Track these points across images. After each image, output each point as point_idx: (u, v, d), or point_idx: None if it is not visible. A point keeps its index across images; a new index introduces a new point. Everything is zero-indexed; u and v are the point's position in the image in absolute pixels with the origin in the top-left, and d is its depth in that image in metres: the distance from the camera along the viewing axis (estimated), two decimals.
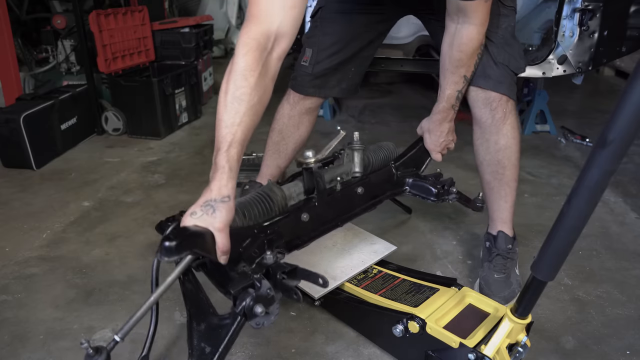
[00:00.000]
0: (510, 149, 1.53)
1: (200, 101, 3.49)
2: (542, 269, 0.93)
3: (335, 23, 1.62)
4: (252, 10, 1.14)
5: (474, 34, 1.38)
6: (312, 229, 1.32)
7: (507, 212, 1.59)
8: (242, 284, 1.03)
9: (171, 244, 0.96)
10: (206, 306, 1.08)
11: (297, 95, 1.73)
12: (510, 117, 1.51)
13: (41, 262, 1.72)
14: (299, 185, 1.36)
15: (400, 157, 1.66)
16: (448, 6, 1.38)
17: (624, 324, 1.44)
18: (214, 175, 1.06)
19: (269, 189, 1.29)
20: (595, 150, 0.75)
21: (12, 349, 1.33)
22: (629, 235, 1.92)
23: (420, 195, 1.61)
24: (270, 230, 1.20)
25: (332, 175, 1.44)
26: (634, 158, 2.67)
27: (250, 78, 1.09)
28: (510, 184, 1.56)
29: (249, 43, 1.10)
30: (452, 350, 1.13)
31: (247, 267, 1.10)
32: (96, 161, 2.63)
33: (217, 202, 1.03)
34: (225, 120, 1.07)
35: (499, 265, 1.54)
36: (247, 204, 1.22)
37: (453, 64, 1.46)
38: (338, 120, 3.39)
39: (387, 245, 1.58)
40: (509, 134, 1.51)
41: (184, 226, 1.02)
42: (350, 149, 1.52)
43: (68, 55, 3.25)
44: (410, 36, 3.03)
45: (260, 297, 1.02)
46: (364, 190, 1.46)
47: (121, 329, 0.98)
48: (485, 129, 1.53)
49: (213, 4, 4.90)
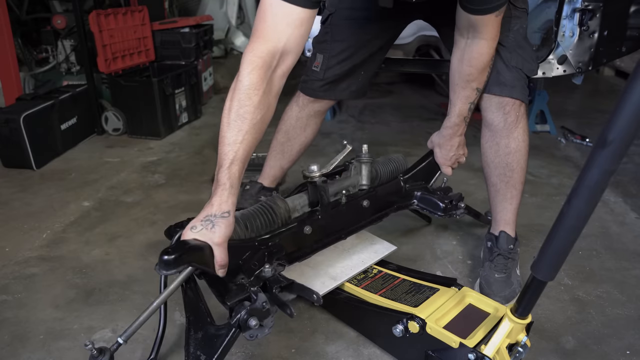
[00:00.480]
0: (520, 152, 1.52)
1: (200, 101, 3.49)
2: (542, 269, 0.93)
3: (346, 29, 1.61)
4: (259, 27, 1.14)
5: (485, 49, 1.37)
6: (315, 242, 1.35)
7: (511, 213, 1.58)
8: (239, 297, 1.07)
9: (169, 258, 0.99)
10: (205, 315, 1.11)
11: (306, 98, 1.73)
12: (522, 121, 1.50)
13: (41, 262, 1.72)
14: (304, 197, 1.38)
15: (410, 170, 1.67)
16: (458, 21, 1.38)
17: (624, 324, 1.44)
18: (215, 190, 1.08)
19: (272, 201, 1.30)
20: (595, 150, 0.75)
21: (12, 349, 1.33)
22: (629, 235, 1.92)
23: (428, 210, 1.63)
24: (271, 242, 1.22)
25: (339, 187, 1.46)
26: (634, 158, 2.67)
27: (254, 97, 1.10)
28: (517, 186, 1.55)
29: (254, 61, 1.12)
30: (452, 350, 1.13)
31: (245, 279, 1.13)
32: (96, 161, 2.64)
33: (217, 218, 1.06)
34: (228, 137, 1.09)
35: (500, 265, 1.54)
36: (250, 216, 1.24)
37: (463, 78, 1.45)
38: (338, 120, 3.39)
39: (387, 245, 1.58)
40: (520, 137, 1.50)
41: (183, 240, 1.05)
42: (359, 162, 1.53)
43: (68, 55, 3.25)
44: (410, 36, 3.03)
45: (255, 310, 1.05)
46: (369, 203, 1.48)
47: (125, 332, 1.01)
48: (497, 132, 1.51)
49: (213, 4, 4.89)
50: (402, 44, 3.07)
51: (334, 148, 2.81)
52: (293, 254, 1.29)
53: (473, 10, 1.28)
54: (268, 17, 1.14)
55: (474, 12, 1.29)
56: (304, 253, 1.32)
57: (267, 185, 1.94)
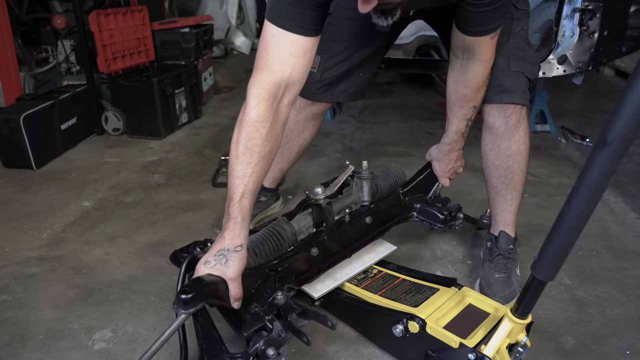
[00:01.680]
0: (521, 155, 1.51)
1: (200, 101, 3.49)
2: (542, 269, 0.93)
3: (345, 29, 1.59)
4: (262, 59, 1.15)
5: (480, 70, 1.37)
6: (322, 262, 1.37)
7: (511, 214, 1.58)
8: (255, 326, 1.08)
9: (187, 297, 1.00)
10: (218, 343, 1.11)
11: (303, 100, 1.72)
12: (524, 123, 1.49)
13: (41, 262, 1.72)
14: (309, 219, 1.40)
15: (408, 182, 1.69)
16: (453, 42, 1.37)
17: (624, 324, 1.44)
18: (227, 224, 1.09)
19: (279, 225, 1.32)
20: (595, 150, 0.75)
21: (12, 349, 1.33)
22: (629, 235, 1.92)
23: (427, 222, 1.64)
24: (281, 267, 1.23)
25: (342, 205, 1.48)
26: (634, 158, 2.67)
27: (261, 129, 1.11)
28: (517, 187, 1.55)
29: (260, 93, 1.12)
30: (452, 350, 1.13)
31: (259, 307, 1.14)
32: (96, 161, 2.64)
33: (230, 252, 1.07)
34: (237, 170, 1.10)
35: (500, 265, 1.54)
36: (258, 242, 1.26)
37: (460, 98, 1.46)
38: (338, 120, 3.39)
39: (387, 246, 1.58)
40: (521, 139, 1.50)
41: (198, 277, 1.06)
42: (359, 178, 1.53)
43: (68, 55, 3.25)
44: (410, 36, 3.03)
45: (272, 340, 1.07)
46: (372, 219, 1.50)
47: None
48: (498, 135, 1.51)
49: (213, 4, 4.89)
50: (402, 44, 3.07)
51: (334, 148, 2.81)
52: (301, 275, 1.31)
53: (468, 31, 1.28)
54: (271, 48, 1.14)
55: (469, 34, 1.29)
56: (312, 274, 1.34)
57: (267, 186, 1.94)
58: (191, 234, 1.90)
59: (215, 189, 2.29)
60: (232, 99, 3.97)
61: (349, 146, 2.86)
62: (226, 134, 3.10)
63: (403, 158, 2.69)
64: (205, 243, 1.31)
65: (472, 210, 2.06)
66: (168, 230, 1.93)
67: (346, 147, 2.84)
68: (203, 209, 2.11)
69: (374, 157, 2.69)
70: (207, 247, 1.29)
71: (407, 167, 2.59)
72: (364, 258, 1.51)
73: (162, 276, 1.63)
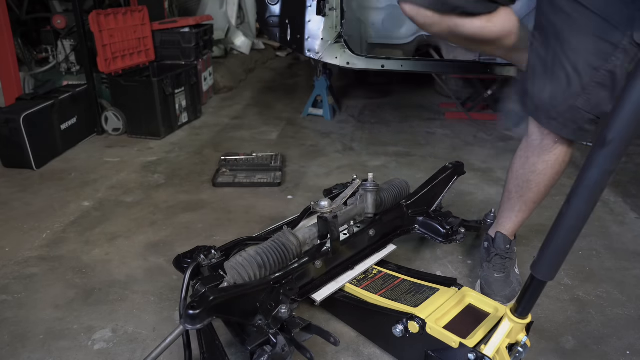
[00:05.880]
0: (545, 177, 1.45)
1: (200, 101, 3.49)
2: (542, 269, 0.93)
3: None
4: None
5: None
6: (325, 274, 1.38)
7: (514, 225, 1.56)
8: (259, 340, 1.09)
9: (195, 313, 1.01)
10: (222, 354, 1.12)
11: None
12: (561, 150, 1.40)
13: (41, 262, 1.72)
14: (313, 230, 1.40)
15: (412, 195, 1.70)
16: None
17: (624, 324, 1.44)
18: None
19: (284, 237, 1.33)
20: (595, 150, 0.75)
21: (12, 349, 1.33)
22: (629, 235, 1.92)
23: (429, 235, 1.65)
24: (285, 280, 1.24)
25: (347, 217, 1.49)
26: (634, 158, 2.67)
27: None
28: (528, 204, 1.51)
29: None
30: (452, 350, 1.13)
31: (263, 320, 1.14)
32: (96, 161, 2.64)
33: None
34: None
35: (498, 264, 1.54)
36: (263, 254, 1.26)
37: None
38: (338, 120, 3.39)
39: (387, 246, 1.58)
40: (551, 162, 1.42)
41: (204, 291, 1.08)
42: (365, 190, 1.54)
43: (68, 55, 3.25)
44: (410, 36, 3.03)
45: (276, 356, 1.07)
46: (375, 232, 1.52)
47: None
48: (530, 147, 1.45)
49: (213, 4, 4.89)
50: (402, 44, 3.07)
51: (334, 148, 2.81)
52: (304, 287, 1.32)
53: None
54: None
55: None
56: (315, 286, 1.35)
57: None
58: (191, 234, 1.90)
59: (215, 189, 2.29)
60: (232, 99, 3.97)
61: (349, 146, 2.86)
62: (226, 134, 3.10)
63: (403, 158, 2.69)
64: (209, 249, 1.31)
65: (472, 211, 2.07)
66: (168, 230, 1.93)
67: (346, 147, 2.84)
68: (203, 209, 2.11)
69: (374, 157, 2.70)
70: (211, 254, 1.30)
71: (407, 167, 2.60)
72: (364, 258, 1.51)
73: (162, 276, 1.63)
